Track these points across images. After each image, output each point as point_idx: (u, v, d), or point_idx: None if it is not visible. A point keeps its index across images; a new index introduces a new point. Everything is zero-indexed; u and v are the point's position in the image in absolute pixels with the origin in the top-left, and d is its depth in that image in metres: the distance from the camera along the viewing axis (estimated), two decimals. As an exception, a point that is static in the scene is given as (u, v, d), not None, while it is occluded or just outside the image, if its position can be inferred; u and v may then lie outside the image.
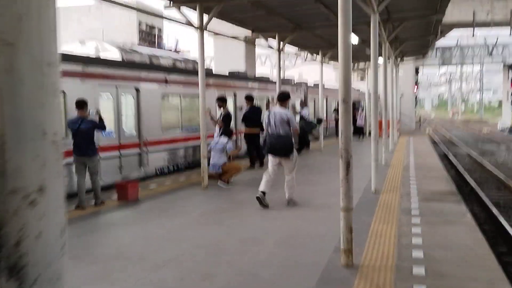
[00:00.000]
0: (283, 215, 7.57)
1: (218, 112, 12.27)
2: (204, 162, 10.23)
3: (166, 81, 12.74)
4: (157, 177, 11.84)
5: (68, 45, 12.55)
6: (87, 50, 12.07)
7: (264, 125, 8.36)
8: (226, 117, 11.90)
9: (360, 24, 10.59)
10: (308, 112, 18.81)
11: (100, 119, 8.58)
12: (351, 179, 4.93)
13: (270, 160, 8.22)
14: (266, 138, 8.09)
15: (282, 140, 7.93)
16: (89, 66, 10.21)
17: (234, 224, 7.02)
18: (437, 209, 7.78)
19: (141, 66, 12.28)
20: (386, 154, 13.99)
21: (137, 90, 11.67)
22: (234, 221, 7.17)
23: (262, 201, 7.94)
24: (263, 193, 7.99)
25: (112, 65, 11.19)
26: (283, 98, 8.29)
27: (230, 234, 6.45)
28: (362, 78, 51.26)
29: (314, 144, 19.73)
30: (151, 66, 12.84)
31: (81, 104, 8.34)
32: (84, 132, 8.22)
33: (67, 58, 9.73)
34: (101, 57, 11.77)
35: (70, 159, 8.48)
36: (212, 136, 11.50)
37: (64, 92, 9.12)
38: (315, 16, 12.71)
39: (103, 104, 10.52)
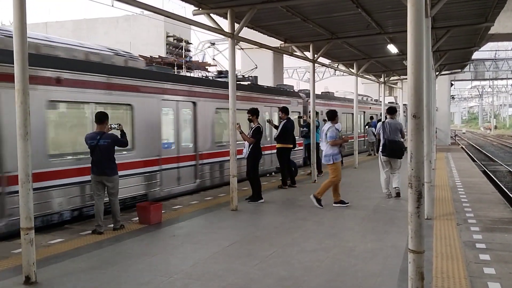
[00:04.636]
0: (323, 246, 6.60)
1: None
2: (233, 181, 9.35)
3: None
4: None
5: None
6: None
7: (376, 133, 10.94)
8: (257, 132, 10.60)
9: (403, 31, 9.61)
10: (341, 127, 17.81)
11: (122, 133, 7.80)
12: (423, 214, 3.96)
13: (383, 160, 10.37)
14: (386, 143, 10.12)
15: (399, 145, 10.11)
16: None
17: (269, 257, 6.07)
18: (505, 242, 6.69)
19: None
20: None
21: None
22: (268, 253, 6.21)
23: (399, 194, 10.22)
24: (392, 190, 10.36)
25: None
26: (393, 111, 10.70)
27: (265, 271, 5.50)
28: (390, 93, 49.96)
29: (347, 160, 18.63)
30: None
31: (101, 118, 7.58)
32: (103, 149, 7.43)
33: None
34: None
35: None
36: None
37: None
38: (354, 24, 11.79)
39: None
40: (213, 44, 23.53)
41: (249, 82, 15.48)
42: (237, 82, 12.87)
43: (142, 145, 10.08)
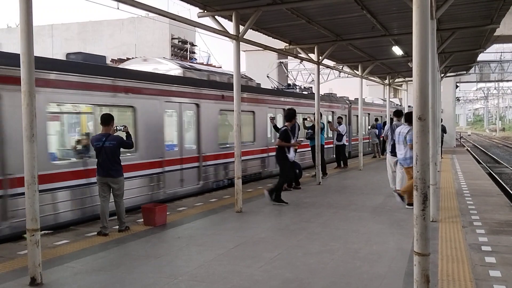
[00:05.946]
0: (328, 248, 6.59)
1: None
2: (238, 183, 9.36)
3: None
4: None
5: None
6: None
7: (384, 135, 12.04)
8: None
9: (408, 33, 9.60)
10: (345, 129, 17.79)
11: (128, 135, 7.82)
12: (428, 217, 3.95)
13: (390, 159, 11.11)
14: (395, 144, 10.22)
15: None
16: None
17: (273, 259, 6.07)
18: (511, 245, 6.65)
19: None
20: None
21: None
22: (273, 255, 6.22)
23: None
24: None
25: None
26: (400, 114, 11.52)
27: (269, 273, 5.50)
28: (395, 95, 49.89)
29: (352, 162, 18.64)
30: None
31: (107, 120, 7.61)
32: (109, 151, 7.46)
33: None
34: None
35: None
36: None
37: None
38: (358, 26, 11.78)
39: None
40: (281, 63, 27.41)
41: (309, 92, 20.12)
42: (301, 92, 19.80)
43: (259, 138, 14.78)
